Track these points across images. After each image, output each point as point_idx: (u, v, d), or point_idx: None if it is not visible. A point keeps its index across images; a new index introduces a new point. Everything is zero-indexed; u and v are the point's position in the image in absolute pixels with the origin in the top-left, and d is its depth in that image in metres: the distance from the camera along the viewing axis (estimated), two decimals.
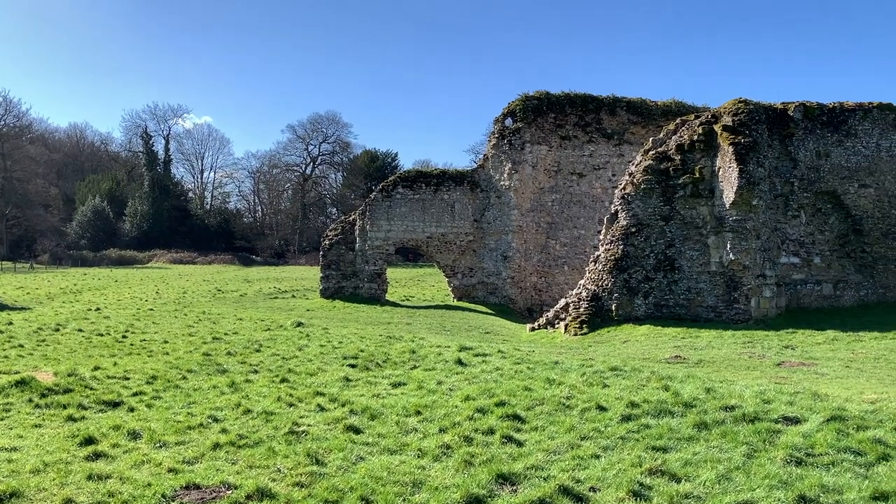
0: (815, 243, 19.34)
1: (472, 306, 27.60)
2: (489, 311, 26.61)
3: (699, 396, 8.62)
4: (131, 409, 9.38)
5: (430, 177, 29.39)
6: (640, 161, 19.52)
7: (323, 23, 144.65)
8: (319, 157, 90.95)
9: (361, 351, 13.95)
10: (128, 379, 11.33)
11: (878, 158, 19.83)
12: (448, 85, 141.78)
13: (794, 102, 19.73)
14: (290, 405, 9.43)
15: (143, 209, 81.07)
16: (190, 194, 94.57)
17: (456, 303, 28.68)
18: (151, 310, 24.34)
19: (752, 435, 7.01)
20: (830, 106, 19.90)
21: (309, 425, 8.36)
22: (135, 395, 10.25)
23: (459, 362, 12.19)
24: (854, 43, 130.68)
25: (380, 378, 11.31)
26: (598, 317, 18.45)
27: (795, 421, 7.47)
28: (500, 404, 8.81)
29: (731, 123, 18.13)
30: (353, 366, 12.42)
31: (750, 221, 17.41)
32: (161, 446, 7.52)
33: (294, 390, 10.33)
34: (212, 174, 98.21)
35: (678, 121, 20.25)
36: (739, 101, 18.79)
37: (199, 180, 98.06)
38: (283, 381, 11.14)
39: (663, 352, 13.78)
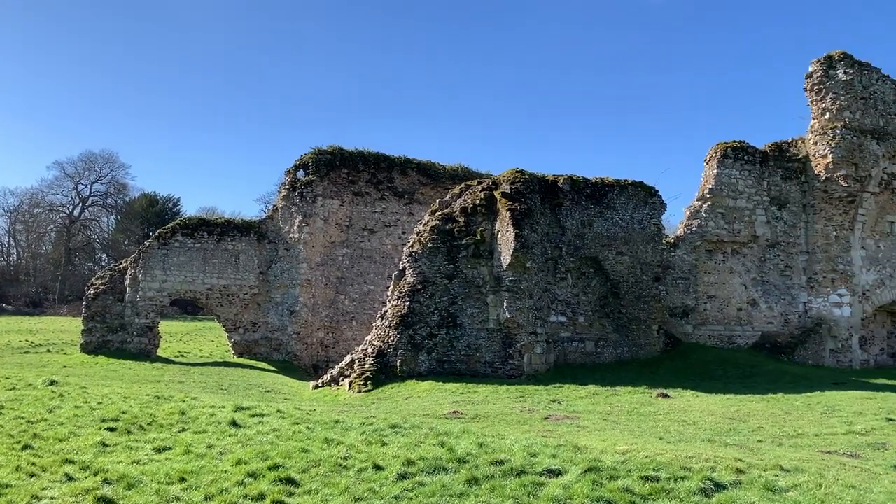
0: (580, 304, 21.10)
1: (253, 363, 26.43)
2: (272, 369, 25.64)
3: (472, 452, 8.85)
4: None
5: (214, 225, 28.11)
6: (428, 221, 20.20)
7: (99, 47, 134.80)
8: (90, 198, 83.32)
9: (124, 412, 12.68)
10: None
11: (632, 229, 22.25)
12: (238, 131, 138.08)
13: (563, 175, 21.65)
14: (32, 475, 8.28)
15: None
16: None
17: (236, 359, 27.32)
18: None
19: (518, 489, 7.29)
20: (594, 181, 22.10)
21: (52, 498, 7.40)
22: None
23: (234, 423, 11.51)
24: (613, 121, 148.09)
25: (142, 442, 10.32)
26: (382, 373, 18.49)
27: (557, 473, 7.90)
28: (274, 467, 8.40)
29: (509, 191, 19.44)
30: (112, 429, 11.23)
31: (524, 282, 18.61)
32: None
33: (38, 458, 9.10)
34: None
35: (463, 185, 21.34)
36: (517, 171, 20.24)
37: None
38: (26, 447, 9.77)
39: (443, 407, 14.07)
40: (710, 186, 25.08)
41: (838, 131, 25.60)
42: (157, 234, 27.78)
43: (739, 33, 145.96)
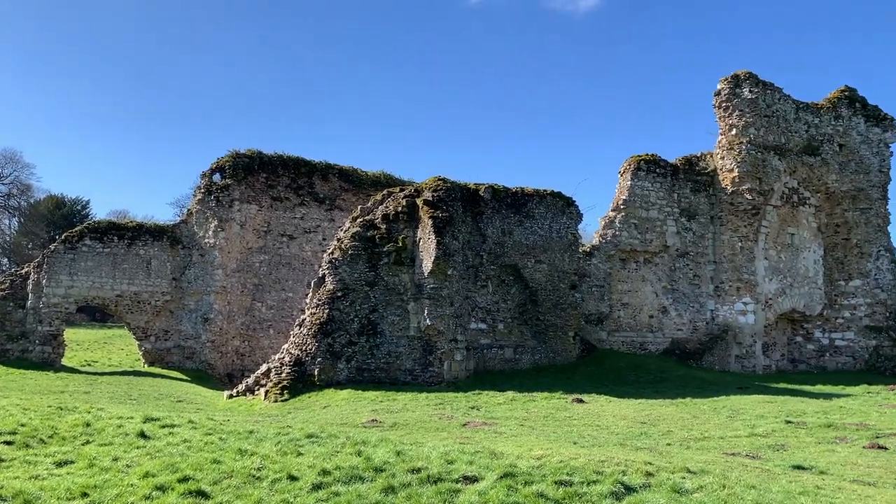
0: (499, 311, 21.37)
1: (165, 372, 25.51)
2: (185, 378, 24.81)
3: (390, 460, 8.80)
4: None
5: (125, 229, 27.02)
6: (349, 227, 20.05)
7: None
8: None
9: (22, 425, 11.97)
10: None
11: (550, 238, 22.72)
12: (152, 132, 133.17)
13: (484, 184, 21.92)
14: None
15: None
16: None
17: (147, 368, 26.30)
18: None
19: (434, 496, 7.30)
20: (514, 190, 22.47)
21: None
22: None
23: (143, 435, 11.05)
24: (532, 131, 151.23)
25: (42, 456, 9.77)
26: (300, 382, 18.20)
27: (474, 479, 7.96)
28: (184, 480, 8.12)
29: (431, 199, 19.52)
30: (9, 443, 10.58)
31: (445, 289, 18.71)
32: None
33: None
34: None
35: (385, 192, 21.31)
36: (439, 179, 20.36)
37: None
38: None
39: (362, 416, 13.96)
40: (624, 198, 25.91)
41: (744, 147, 26.91)
42: (63, 237, 26.49)
43: (653, 47, 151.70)
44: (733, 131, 27.19)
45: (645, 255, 26.27)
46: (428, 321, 18.45)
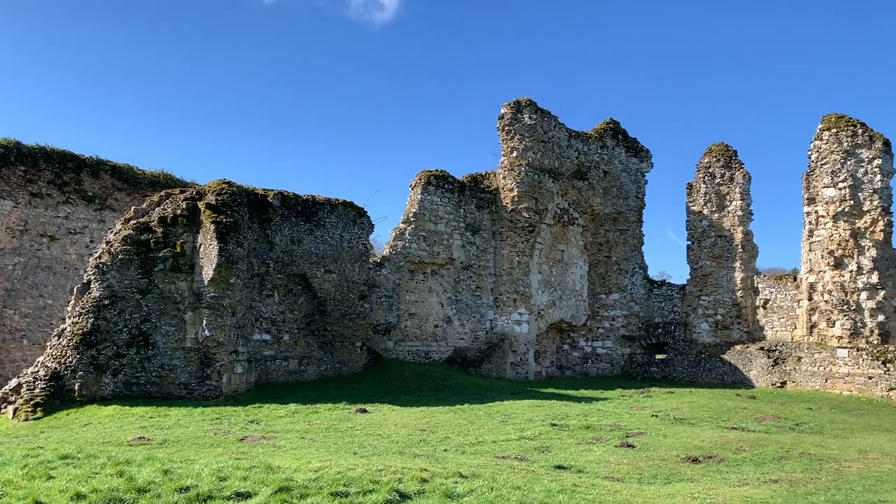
0: (285, 321, 20.87)
1: None
2: None
3: (156, 480, 8.20)
4: None
5: None
6: (120, 230, 18.51)
7: None
8: None
9: None
10: None
11: (341, 248, 22.66)
12: None
13: (274, 190, 21.35)
14: None
15: None
16: None
17: None
18: None
19: None
20: (305, 197, 22.13)
21: None
22: None
23: None
24: (325, 139, 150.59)
25: None
26: (57, 398, 16.39)
27: (247, 496, 7.65)
28: None
29: (214, 202, 18.61)
30: None
31: (227, 299, 17.90)
32: None
33: None
34: None
35: (164, 193, 19.96)
36: (224, 182, 19.49)
37: None
38: None
39: (128, 433, 12.89)
40: (415, 210, 26.63)
41: (523, 169, 28.89)
42: None
43: (445, 66, 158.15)
44: (514, 153, 29.07)
45: (432, 266, 27.14)
46: (207, 332, 17.53)
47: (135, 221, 18.59)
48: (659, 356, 31.48)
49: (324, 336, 21.79)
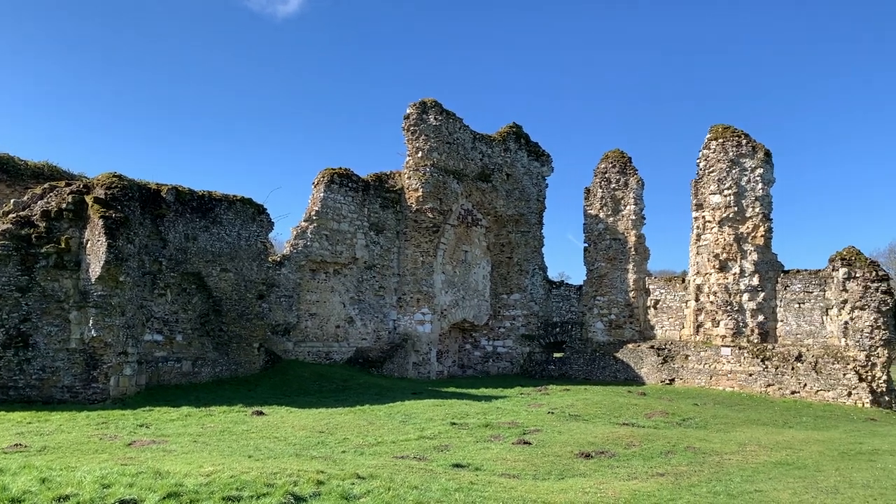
0: (178, 321, 20.10)
1: None
2: None
3: (32, 489, 7.72)
4: None
5: None
6: None
7: None
8: None
9: None
10: None
11: (238, 246, 22.05)
12: None
13: (168, 185, 20.52)
14: None
15: None
16: None
17: None
18: None
19: None
20: (201, 193, 21.38)
21: None
22: None
23: None
24: (225, 135, 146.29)
25: None
26: None
27: (133, 503, 7.33)
28: None
29: (103, 196, 17.71)
30: None
31: (116, 297, 17.08)
32: None
33: None
34: None
35: (48, 185, 18.82)
36: (114, 176, 18.57)
37: None
38: None
39: (3, 441, 12.06)
40: (317, 209, 26.25)
41: (428, 169, 29.03)
42: None
43: (351, 59, 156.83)
44: (419, 154, 29.17)
45: (335, 266, 26.84)
46: (94, 332, 16.65)
47: (14, 215, 17.45)
48: (557, 355, 32.38)
49: (219, 337, 21.14)
